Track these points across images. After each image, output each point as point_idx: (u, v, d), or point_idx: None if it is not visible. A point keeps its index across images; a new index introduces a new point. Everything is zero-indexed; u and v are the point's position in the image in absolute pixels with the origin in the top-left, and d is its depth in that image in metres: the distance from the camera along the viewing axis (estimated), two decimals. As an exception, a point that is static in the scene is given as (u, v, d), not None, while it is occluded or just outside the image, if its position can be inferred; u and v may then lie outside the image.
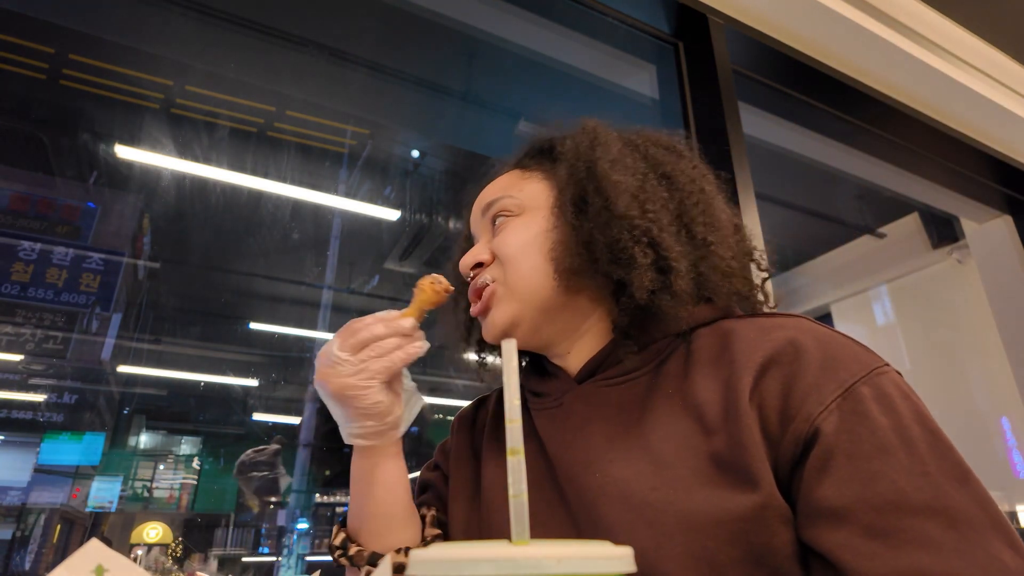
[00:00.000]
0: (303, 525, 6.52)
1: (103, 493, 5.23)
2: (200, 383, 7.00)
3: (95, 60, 3.60)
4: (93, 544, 0.38)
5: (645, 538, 0.50)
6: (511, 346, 0.35)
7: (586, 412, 0.61)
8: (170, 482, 6.74)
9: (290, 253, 5.49)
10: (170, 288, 5.96)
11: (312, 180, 4.43)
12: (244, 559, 6.83)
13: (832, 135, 2.40)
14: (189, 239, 5.35)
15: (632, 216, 0.58)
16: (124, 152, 4.04)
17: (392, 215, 4.80)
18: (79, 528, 5.17)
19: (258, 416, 7.06)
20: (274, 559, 6.70)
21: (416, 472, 0.78)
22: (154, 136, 3.81)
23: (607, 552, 0.27)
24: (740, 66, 1.94)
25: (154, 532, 6.47)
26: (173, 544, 6.51)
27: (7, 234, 4.15)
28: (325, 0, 2.00)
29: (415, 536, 0.66)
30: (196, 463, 7.03)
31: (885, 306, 4.32)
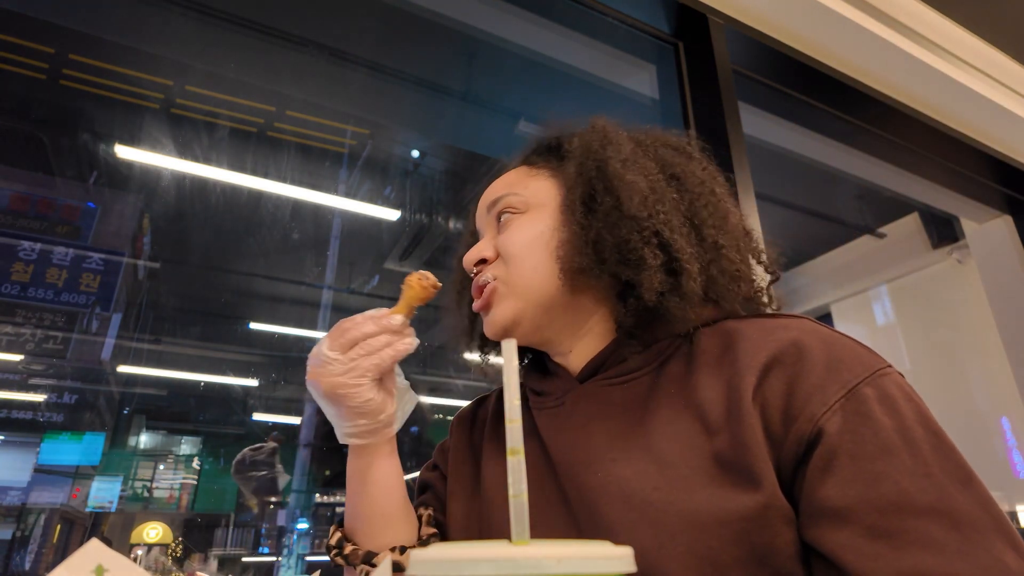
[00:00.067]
0: (303, 525, 6.52)
1: (103, 493, 5.23)
2: (200, 383, 7.00)
3: (95, 60, 3.60)
4: (93, 544, 0.38)
5: (647, 538, 0.50)
6: (511, 346, 0.35)
7: (588, 411, 0.60)
8: (170, 482, 6.74)
9: (290, 253, 5.49)
10: (170, 288, 5.96)
11: (312, 180, 4.43)
12: (244, 559, 6.83)
13: (832, 135, 2.39)
14: (189, 239, 5.36)
15: (643, 217, 0.58)
16: (124, 152, 4.04)
17: (392, 215, 4.80)
18: (79, 528, 5.17)
19: (258, 416, 7.07)
20: (274, 559, 6.70)
21: (416, 472, 0.78)
22: (154, 136, 3.81)
23: (607, 552, 0.27)
24: (740, 66, 1.94)
25: (154, 532, 6.47)
26: (173, 544, 6.51)
27: (7, 234, 4.15)
28: (325, 0, 1.99)
29: (411, 535, 0.66)
30: (196, 463, 7.04)
31: (885, 306, 4.31)
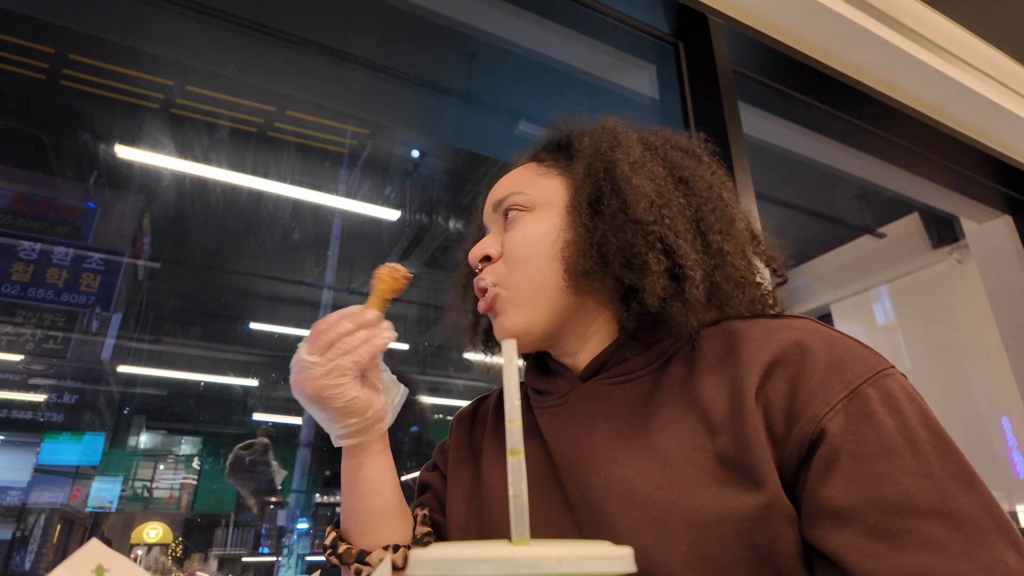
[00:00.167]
0: (303, 525, 6.52)
1: (103, 493, 5.22)
2: (200, 383, 7.00)
3: (95, 60, 3.59)
4: (93, 544, 0.38)
5: (649, 536, 0.50)
6: (511, 346, 0.35)
7: (591, 410, 0.60)
8: (170, 482, 6.73)
9: (290, 253, 5.49)
10: (170, 288, 5.95)
11: (312, 180, 4.43)
12: (244, 559, 6.82)
13: (832, 135, 2.39)
14: (189, 239, 5.35)
15: (648, 221, 0.57)
16: (124, 152, 4.04)
17: (392, 215, 4.79)
18: (79, 528, 5.16)
19: (258, 416, 7.06)
20: (274, 559, 6.69)
21: (417, 472, 0.78)
22: (154, 136, 3.81)
23: (607, 552, 0.27)
24: (740, 66, 1.94)
25: (154, 532, 6.47)
26: (173, 544, 6.50)
27: (7, 234, 4.15)
28: (325, 0, 1.99)
29: (406, 534, 0.66)
30: (196, 463, 7.03)
31: (885, 306, 4.31)
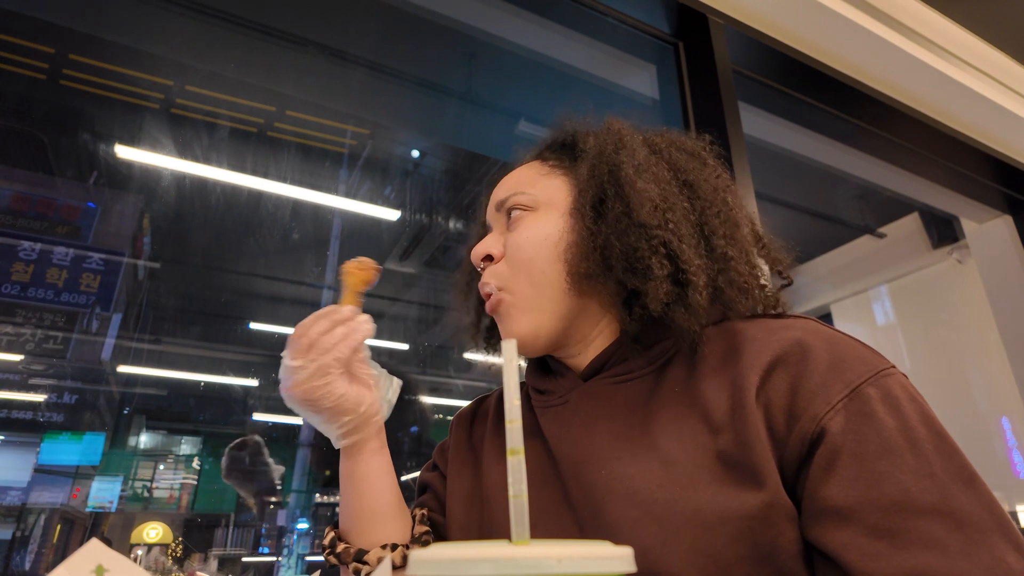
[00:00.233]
0: (303, 525, 6.51)
1: (103, 493, 5.22)
2: (200, 383, 6.99)
3: (95, 60, 3.59)
4: (93, 544, 0.38)
5: (651, 535, 0.50)
6: (511, 346, 0.35)
7: (592, 410, 0.60)
8: (170, 482, 6.73)
9: (290, 253, 5.48)
10: (170, 288, 5.95)
11: (312, 180, 4.43)
12: (244, 559, 6.82)
13: (832, 135, 2.39)
14: (189, 239, 5.35)
15: (652, 225, 0.57)
16: (124, 152, 4.04)
17: (392, 215, 4.79)
18: (79, 528, 5.16)
19: (258, 416, 7.06)
20: (274, 559, 6.69)
21: (417, 472, 0.78)
22: (154, 136, 3.81)
23: (608, 552, 0.27)
24: (740, 66, 1.94)
25: (154, 532, 6.46)
26: (173, 544, 6.50)
27: (7, 234, 4.15)
28: (325, 0, 1.99)
29: (404, 533, 0.66)
30: (196, 463, 7.03)
31: (885, 306, 4.31)
